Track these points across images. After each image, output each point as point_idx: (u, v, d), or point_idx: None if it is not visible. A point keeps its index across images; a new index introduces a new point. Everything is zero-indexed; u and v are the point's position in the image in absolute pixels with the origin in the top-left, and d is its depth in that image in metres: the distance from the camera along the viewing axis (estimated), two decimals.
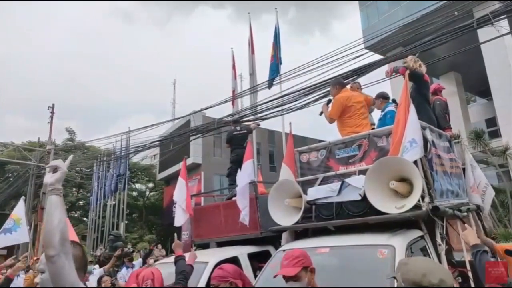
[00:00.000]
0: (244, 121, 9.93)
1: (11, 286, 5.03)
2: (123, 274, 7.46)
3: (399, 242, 3.18)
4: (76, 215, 24.12)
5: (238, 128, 7.61)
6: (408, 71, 4.45)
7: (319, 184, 4.22)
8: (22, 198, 8.39)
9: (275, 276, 2.29)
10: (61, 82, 74.88)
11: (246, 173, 5.55)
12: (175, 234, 3.79)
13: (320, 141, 4.96)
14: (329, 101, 5.11)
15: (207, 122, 14.19)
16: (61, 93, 68.07)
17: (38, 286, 1.59)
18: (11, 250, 14.65)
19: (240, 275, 2.57)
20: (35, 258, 8.33)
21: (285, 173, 4.65)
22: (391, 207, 3.43)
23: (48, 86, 69.89)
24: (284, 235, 4.45)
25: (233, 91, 13.24)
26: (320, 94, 8.99)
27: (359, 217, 3.68)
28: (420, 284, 1.36)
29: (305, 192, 4.12)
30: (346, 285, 2.98)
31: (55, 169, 1.52)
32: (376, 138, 4.04)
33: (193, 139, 16.05)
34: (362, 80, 7.76)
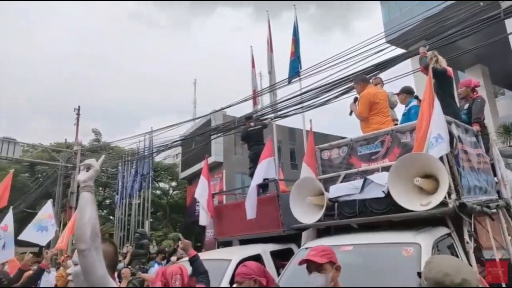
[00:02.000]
0: (264, 119, 9.95)
1: (42, 279, 5.23)
2: (155, 270, 7.64)
3: (425, 240, 3.12)
4: (103, 213, 24.80)
5: (252, 124, 7.61)
6: (431, 66, 4.34)
7: (341, 182, 4.18)
8: (50, 200, 8.70)
9: (300, 263, 2.26)
10: (86, 85, 77.01)
11: (263, 171, 5.55)
12: (180, 235, 3.83)
13: (341, 138, 4.91)
14: (356, 99, 5.05)
15: (228, 121, 14.30)
16: (86, 96, 70.00)
17: (70, 278, 1.66)
18: (41, 248, 15.18)
19: (264, 273, 2.58)
20: (65, 255, 8.64)
21: (306, 170, 4.63)
22: (416, 204, 3.36)
23: (73, 89, 72.02)
24: (305, 233, 4.44)
25: (254, 90, 13.26)
26: (340, 90, 8.89)
27: (382, 215, 3.62)
28: (442, 283, 1.33)
29: (327, 190, 4.10)
30: (370, 284, 2.95)
31: (88, 168, 1.59)
32: (400, 134, 3.96)
33: (214, 138, 16.21)
34: (383, 75, 7.63)
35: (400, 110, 5.70)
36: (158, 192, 27.59)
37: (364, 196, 3.77)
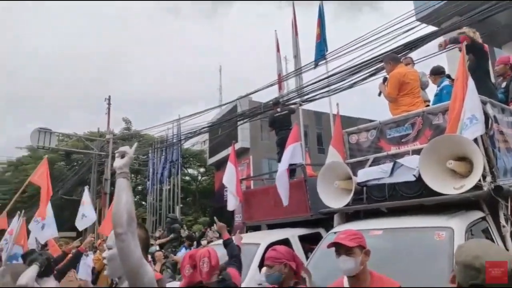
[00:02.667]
0: (290, 104, 9.87)
1: (81, 261, 5.54)
2: (182, 254, 7.88)
3: (458, 224, 3.03)
4: (135, 199, 25.69)
5: (278, 109, 7.57)
6: (466, 42, 4.14)
7: (370, 166, 4.11)
8: (86, 187, 9.09)
9: (329, 246, 2.27)
10: (116, 75, 78.92)
11: (289, 157, 5.54)
12: (215, 218, 3.91)
13: (370, 121, 4.80)
14: (385, 79, 4.90)
15: (254, 106, 14.29)
16: (116, 86, 71.81)
17: (105, 261, 1.74)
18: (79, 232, 15.96)
19: (294, 257, 2.60)
20: (101, 240, 9.05)
21: (333, 155, 4.58)
22: (449, 187, 3.27)
23: (104, 79, 74.03)
24: (336, 218, 4.43)
25: (279, 75, 13.13)
26: (368, 72, 8.66)
27: (413, 199, 3.55)
28: (472, 265, 1.29)
29: (355, 174, 4.05)
30: (401, 269, 2.91)
31: (123, 155, 1.64)
32: (431, 115, 3.83)
33: (241, 124, 16.28)
34: (414, 54, 7.36)
35: (432, 90, 5.50)
36: (187, 178, 28.17)
37: (394, 180, 3.70)
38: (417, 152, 3.62)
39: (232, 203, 6.69)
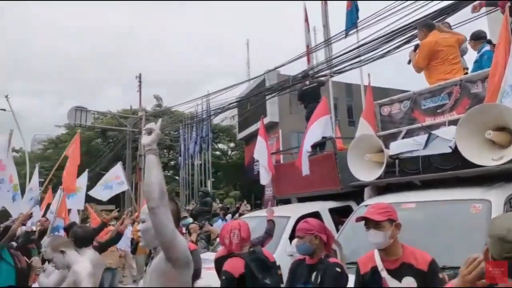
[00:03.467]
0: (319, 76, 9.65)
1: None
2: (219, 225, 8.15)
3: (496, 196, 2.93)
4: (168, 174, 26.48)
5: (307, 82, 7.41)
6: (509, 3, 3.84)
7: (403, 138, 4.00)
8: (119, 163, 9.48)
9: (357, 220, 2.27)
10: (146, 52, 79.93)
11: (316, 130, 5.48)
12: (270, 207, 3.99)
13: (403, 91, 4.62)
14: (416, 46, 4.66)
15: (282, 80, 14.10)
16: (147, 63, 72.84)
17: (140, 233, 1.82)
18: (118, 205, 16.79)
19: (324, 229, 2.63)
20: (138, 212, 9.47)
21: (364, 127, 4.49)
22: (487, 159, 3.14)
23: (135, 57, 75.24)
24: (367, 191, 4.38)
25: (307, 46, 12.79)
26: (402, 40, 8.25)
27: (449, 171, 3.44)
28: (504, 238, 1.24)
29: (387, 147, 3.96)
30: (434, 242, 2.87)
31: (150, 132, 1.68)
32: (470, 83, 3.64)
33: (269, 98, 16.17)
34: (451, 19, 6.91)
35: (471, 57, 5.19)
36: (217, 153, 28.63)
37: (429, 152, 3.60)
38: (453, 122, 3.48)
39: (265, 177, 6.76)
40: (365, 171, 4.11)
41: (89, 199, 8.68)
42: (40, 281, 3.52)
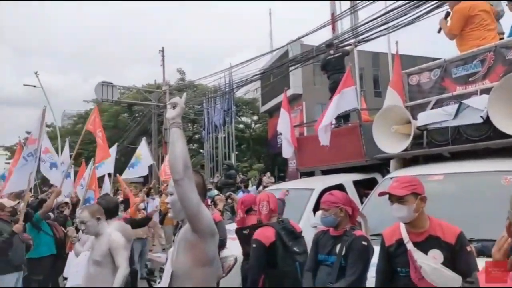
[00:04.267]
0: (345, 45, 9.35)
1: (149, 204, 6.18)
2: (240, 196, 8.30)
3: None
4: (193, 147, 26.93)
5: (331, 52, 7.19)
6: None
7: (432, 108, 3.86)
8: (144, 138, 9.69)
9: (380, 195, 2.24)
10: (168, 28, 79.62)
11: (341, 102, 5.36)
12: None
13: (433, 59, 4.42)
14: (447, 14, 4.40)
15: (306, 50, 13.78)
16: (170, 37, 72.69)
17: (169, 206, 1.88)
18: (147, 179, 17.29)
19: (350, 202, 2.62)
20: (165, 185, 9.75)
21: (391, 98, 4.36)
22: None
23: (158, 33, 75.14)
24: (393, 163, 4.31)
25: (332, 14, 12.37)
26: (432, 4, 7.81)
27: (480, 142, 3.32)
28: None
29: (415, 117, 3.84)
30: (463, 215, 2.81)
31: (174, 106, 1.70)
32: (505, 50, 3.44)
33: (293, 70, 15.90)
34: None
35: (508, 21, 4.86)
36: (241, 126, 28.72)
37: (459, 123, 3.47)
38: (486, 91, 3.33)
39: (288, 150, 6.75)
40: (391, 143, 4.02)
41: (120, 172, 9.03)
42: (76, 249, 3.72)
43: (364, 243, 2.41)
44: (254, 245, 2.79)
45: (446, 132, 3.59)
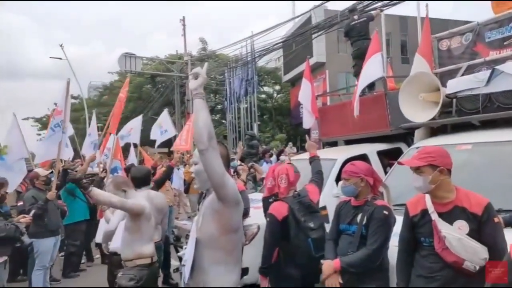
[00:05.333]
0: (370, 9, 8.95)
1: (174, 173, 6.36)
2: (263, 167, 8.37)
3: None
4: (216, 118, 27.06)
5: (356, 17, 6.87)
6: None
7: (462, 74, 3.69)
8: (166, 109, 9.80)
9: (398, 164, 2.21)
10: None
11: (369, 70, 5.18)
12: (307, 136, 3.92)
13: (465, 23, 4.17)
14: None
15: (329, 16, 13.29)
16: (190, 6, 71.58)
17: (193, 175, 1.92)
18: (170, 148, 17.61)
19: (372, 173, 2.59)
20: (189, 155, 9.94)
21: (419, 64, 4.19)
22: None
23: (180, 2, 74.00)
24: (418, 132, 4.20)
25: None
26: None
27: None
28: None
29: (444, 85, 3.69)
30: (491, 185, 2.74)
31: (196, 76, 1.70)
32: None
33: (316, 37, 15.44)
34: None
35: None
36: (263, 96, 28.50)
37: (491, 90, 3.32)
38: None
39: (308, 120, 6.68)
40: (418, 111, 3.90)
41: (143, 143, 9.24)
42: (106, 216, 3.90)
43: (386, 212, 2.40)
44: (268, 219, 2.83)
45: (477, 99, 3.44)
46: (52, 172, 5.16)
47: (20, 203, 5.05)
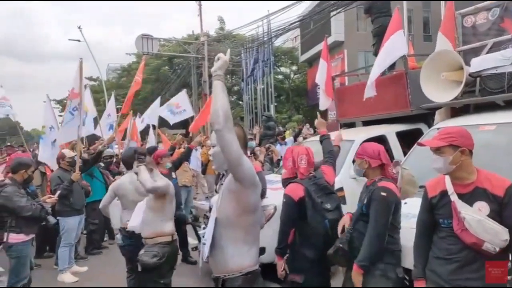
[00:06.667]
0: None
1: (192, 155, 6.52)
2: (278, 148, 8.37)
3: None
4: (232, 99, 27.01)
5: None
6: None
7: (488, 52, 3.55)
8: (184, 90, 9.84)
9: (418, 145, 2.18)
10: None
11: (390, 49, 5.00)
12: (318, 113, 3.85)
13: None
14: None
15: None
16: None
17: (211, 158, 1.95)
18: (187, 129, 17.77)
19: (379, 155, 2.55)
20: (205, 136, 10.01)
21: (443, 42, 4.04)
22: None
23: None
24: (439, 113, 4.09)
25: None
26: None
27: None
28: None
29: (467, 63, 3.56)
30: None
31: (218, 59, 1.74)
32: None
33: (334, 15, 15.04)
34: None
35: None
36: (280, 77, 28.20)
37: None
38: None
39: (324, 102, 6.59)
40: (440, 91, 3.79)
41: (161, 125, 9.34)
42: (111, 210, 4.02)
43: (383, 193, 2.40)
44: (284, 200, 2.84)
45: (502, 78, 3.32)
46: (76, 154, 5.31)
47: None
